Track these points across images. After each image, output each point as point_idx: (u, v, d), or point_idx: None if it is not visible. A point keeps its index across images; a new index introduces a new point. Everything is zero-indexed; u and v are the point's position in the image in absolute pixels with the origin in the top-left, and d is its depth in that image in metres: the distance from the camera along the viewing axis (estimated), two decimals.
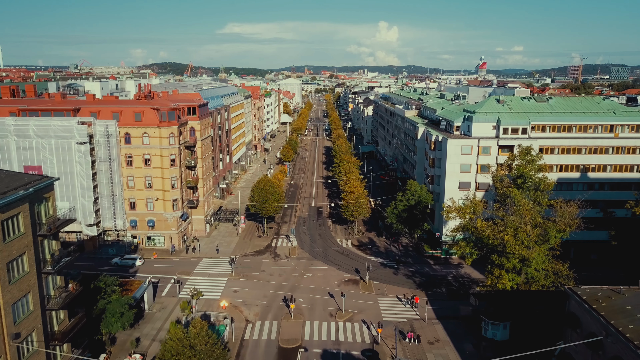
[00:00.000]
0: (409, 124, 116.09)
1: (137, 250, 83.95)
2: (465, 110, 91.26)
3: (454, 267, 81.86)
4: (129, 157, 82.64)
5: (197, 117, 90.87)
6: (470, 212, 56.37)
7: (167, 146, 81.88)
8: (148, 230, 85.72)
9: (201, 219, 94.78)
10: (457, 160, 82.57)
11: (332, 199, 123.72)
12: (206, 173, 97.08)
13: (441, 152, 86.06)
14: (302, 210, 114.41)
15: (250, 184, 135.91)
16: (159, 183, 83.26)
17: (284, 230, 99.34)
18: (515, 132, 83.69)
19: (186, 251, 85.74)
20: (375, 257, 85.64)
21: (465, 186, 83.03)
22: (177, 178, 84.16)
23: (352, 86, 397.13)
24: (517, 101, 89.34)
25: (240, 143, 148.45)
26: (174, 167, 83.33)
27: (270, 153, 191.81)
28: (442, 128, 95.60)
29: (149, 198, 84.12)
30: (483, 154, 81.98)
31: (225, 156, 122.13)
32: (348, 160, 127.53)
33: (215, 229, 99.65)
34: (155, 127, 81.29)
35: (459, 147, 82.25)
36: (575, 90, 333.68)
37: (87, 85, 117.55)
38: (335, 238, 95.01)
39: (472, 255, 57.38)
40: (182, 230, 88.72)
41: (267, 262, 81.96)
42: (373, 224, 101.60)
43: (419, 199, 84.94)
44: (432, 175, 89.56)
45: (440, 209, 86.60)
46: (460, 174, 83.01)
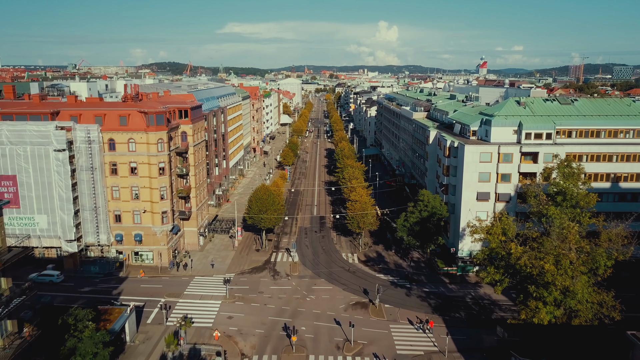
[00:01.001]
0: (418, 127, 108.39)
1: (122, 268, 76.26)
2: (482, 113, 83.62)
3: (472, 286, 74.20)
4: (113, 165, 74.94)
5: (189, 121, 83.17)
6: (501, 234, 48.58)
7: (156, 153, 74.18)
8: (135, 246, 78.01)
9: (194, 231, 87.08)
10: (475, 169, 74.91)
11: (336, 206, 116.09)
12: (200, 181, 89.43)
13: (457, 160, 78.39)
14: (304, 220, 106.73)
15: (248, 189, 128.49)
16: (146, 194, 75.57)
17: (284, 243, 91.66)
18: (538, 137, 76.05)
19: (177, 268, 78.00)
20: (384, 274, 77.99)
21: (484, 197, 75.41)
22: (167, 188, 76.46)
23: (354, 86, 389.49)
24: (539, 103, 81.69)
25: (237, 146, 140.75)
26: (163, 176, 75.63)
27: (269, 156, 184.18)
28: (455, 132, 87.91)
29: (135, 210, 76.41)
30: (504, 161, 74.29)
31: (221, 161, 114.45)
32: (352, 166, 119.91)
33: (209, 242, 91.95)
34: (142, 132, 73.60)
35: (477, 154, 74.57)
36: (580, 90, 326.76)
37: (74, 86, 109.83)
38: (340, 252, 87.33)
39: (502, 284, 49.60)
40: (173, 245, 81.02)
41: (266, 282, 74.25)
42: (380, 236, 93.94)
43: (433, 211, 77.25)
44: (446, 184, 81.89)
45: (456, 222, 79.13)
46: (479, 183, 75.34)
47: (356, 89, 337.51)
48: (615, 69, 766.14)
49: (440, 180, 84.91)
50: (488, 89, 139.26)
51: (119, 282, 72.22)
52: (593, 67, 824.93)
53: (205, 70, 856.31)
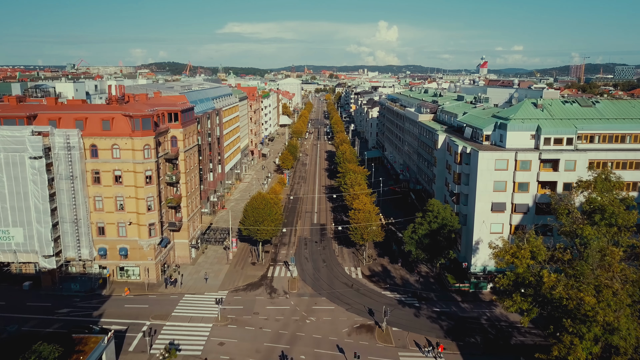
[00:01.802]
0: (425, 130, 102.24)
1: (105, 285, 70.05)
2: (496, 116, 77.51)
3: (486, 305, 68.06)
4: (96, 173, 68.80)
5: (179, 124, 77.00)
6: (529, 257, 42.32)
7: (142, 160, 68.02)
8: (120, 260, 71.88)
9: (185, 243, 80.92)
10: (490, 177, 68.78)
11: (337, 213, 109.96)
12: (191, 189, 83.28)
13: (469, 167, 72.28)
14: (303, 228, 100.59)
15: (245, 195, 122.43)
16: (132, 204, 69.42)
17: (282, 255, 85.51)
18: (558, 142, 70.01)
19: (165, 285, 71.85)
20: (390, 291, 71.86)
21: (500, 208, 69.28)
22: (155, 198, 70.29)
23: (354, 86, 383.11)
24: (558, 105, 75.56)
25: (234, 150, 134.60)
26: (151, 185, 69.47)
27: (268, 159, 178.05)
28: (466, 137, 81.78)
29: (120, 222, 70.28)
30: (521, 169, 68.15)
31: (216, 166, 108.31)
32: (354, 171, 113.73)
33: (202, 254, 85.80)
34: (127, 137, 67.46)
35: (492, 161, 68.43)
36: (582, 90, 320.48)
37: (59, 87, 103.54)
38: (343, 265, 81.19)
39: (530, 314, 43.35)
40: (162, 259, 74.88)
41: (262, 301, 68.08)
42: (385, 247, 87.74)
43: (443, 222, 71.14)
44: (457, 193, 75.80)
45: (468, 234, 73.03)
46: (493, 193, 69.20)
47: (357, 89, 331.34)
48: (617, 68, 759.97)
49: (451, 189, 78.78)
50: (496, 89, 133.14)
51: (101, 302, 66.09)
52: (593, 67, 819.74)
53: (205, 70, 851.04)
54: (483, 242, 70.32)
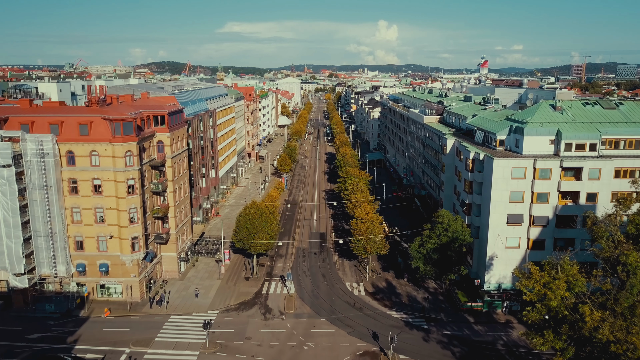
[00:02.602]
0: (431, 133, 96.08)
1: (84, 305, 63.87)
2: (510, 119, 71.34)
3: (501, 327, 61.92)
4: (73, 182, 62.67)
5: (166, 128, 70.81)
6: (564, 289, 36.08)
7: (123, 168, 61.85)
8: (100, 277, 65.75)
9: (173, 257, 74.76)
10: (506, 186, 62.62)
11: (338, 221, 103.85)
12: (180, 197, 77.14)
13: (483, 175, 66.12)
14: (302, 237, 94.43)
15: (241, 200, 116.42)
16: (113, 216, 63.27)
17: (279, 269, 79.37)
18: (580, 148, 63.92)
19: (150, 304, 65.69)
20: (396, 311, 65.72)
21: (516, 220, 63.17)
22: (138, 209, 64.11)
23: (354, 85, 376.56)
24: (578, 107, 69.37)
25: (230, 152, 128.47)
26: (133, 196, 63.30)
27: (266, 161, 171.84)
28: (477, 141, 75.63)
29: (100, 235, 64.15)
30: (541, 178, 61.97)
31: (209, 171, 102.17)
32: (356, 175, 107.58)
33: (192, 267, 79.65)
34: (106, 143, 61.31)
35: (509, 169, 62.27)
36: (585, 89, 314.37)
37: (42, 87, 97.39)
38: (344, 280, 75.04)
39: (565, 354, 37.00)
40: (147, 275, 68.74)
41: (255, 323, 61.90)
42: (390, 259, 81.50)
43: (454, 236, 64.99)
44: (469, 203, 69.64)
45: (481, 248, 66.94)
46: (510, 204, 63.07)
47: (357, 88, 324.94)
48: (619, 68, 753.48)
49: (461, 198, 72.62)
50: (504, 89, 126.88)
51: (77, 325, 59.92)
52: (594, 66, 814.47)
53: (205, 70, 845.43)
54: (498, 257, 64.26)
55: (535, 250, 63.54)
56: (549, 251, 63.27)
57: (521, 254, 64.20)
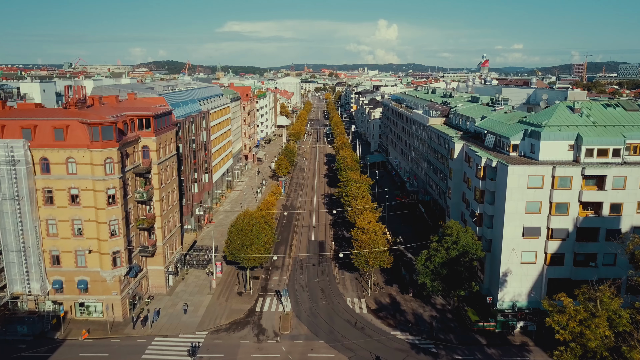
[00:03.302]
0: (437, 136, 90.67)
1: (60, 326, 58.46)
2: (524, 122, 65.95)
3: (517, 350, 56.58)
4: (48, 192, 57.31)
5: (151, 132, 65.40)
6: (606, 327, 30.65)
7: (103, 177, 56.47)
8: (79, 295, 60.39)
9: (160, 270, 69.39)
10: (522, 196, 57.24)
11: (338, 228, 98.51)
12: (168, 206, 71.76)
13: (495, 183, 60.70)
14: (300, 247, 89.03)
15: (236, 205, 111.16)
16: (92, 228, 57.91)
17: (274, 282, 74.00)
18: (603, 154, 58.54)
19: (133, 324, 60.34)
20: (401, 331, 60.37)
21: (533, 233, 57.79)
22: (120, 221, 58.72)
23: (354, 85, 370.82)
24: (598, 109, 63.94)
25: (225, 155, 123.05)
26: (114, 206, 57.93)
27: (263, 163, 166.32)
28: (488, 146, 70.25)
29: (78, 250, 58.78)
30: (560, 187, 56.61)
31: (202, 175, 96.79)
32: (357, 180, 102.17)
33: (182, 280, 74.32)
34: (84, 149, 55.94)
35: (525, 178, 56.90)
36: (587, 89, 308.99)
37: (24, 87, 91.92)
38: (344, 295, 69.67)
39: None
40: (131, 292, 63.37)
41: (247, 346, 56.51)
42: (394, 272, 76.04)
43: (464, 249, 59.65)
44: (480, 213, 64.24)
45: (493, 263, 61.58)
46: (526, 215, 57.71)
47: (357, 88, 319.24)
48: (621, 67, 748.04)
49: (471, 207, 67.19)
50: (512, 89, 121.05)
51: (52, 349, 54.60)
52: (594, 66, 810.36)
53: (204, 69, 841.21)
54: (512, 273, 58.92)
55: (554, 266, 58.27)
56: (569, 267, 58.16)
57: (538, 269, 58.89)
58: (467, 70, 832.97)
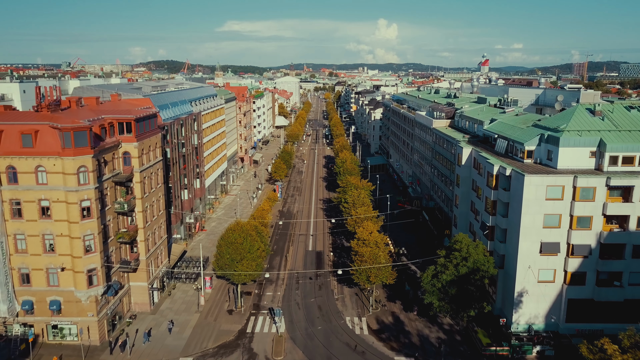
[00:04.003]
0: (442, 139, 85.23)
1: (29, 352, 53.04)
2: (539, 125, 60.54)
3: None
4: (16, 204, 51.91)
5: (133, 137, 59.93)
6: None
7: (76, 187, 51.04)
8: (51, 317, 54.97)
9: (143, 287, 63.94)
10: (539, 209, 51.85)
11: (337, 237, 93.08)
12: (153, 217, 66.31)
13: (509, 194, 55.31)
14: (296, 258, 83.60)
15: (230, 212, 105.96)
16: (65, 244, 52.51)
17: (268, 298, 68.57)
18: (628, 162, 53.20)
19: (110, 349, 54.92)
20: (405, 355, 54.98)
21: (551, 249, 52.39)
22: (96, 235, 53.29)
23: (354, 85, 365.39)
24: (621, 112, 58.50)
25: (219, 158, 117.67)
26: (89, 220, 52.50)
27: (260, 165, 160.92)
28: (499, 151, 64.83)
29: (50, 267, 53.39)
30: (582, 199, 51.19)
31: (193, 181, 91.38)
32: (357, 185, 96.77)
33: (168, 296, 68.91)
34: (55, 156, 50.53)
35: (543, 189, 51.50)
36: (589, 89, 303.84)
37: (2, 88, 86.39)
38: (343, 314, 64.22)
39: None
40: (110, 312, 57.92)
41: None
42: (397, 287, 70.48)
43: (475, 266, 54.20)
44: (491, 226, 58.83)
45: (507, 281, 56.21)
46: (543, 229, 52.32)
47: (357, 88, 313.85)
48: (622, 66, 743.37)
49: (482, 219, 61.76)
50: (520, 89, 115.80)
51: None
52: (594, 65, 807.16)
53: (204, 69, 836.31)
54: (528, 293, 53.56)
55: (574, 286, 52.91)
56: (591, 287, 52.79)
57: (556, 289, 53.53)
58: (467, 70, 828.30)
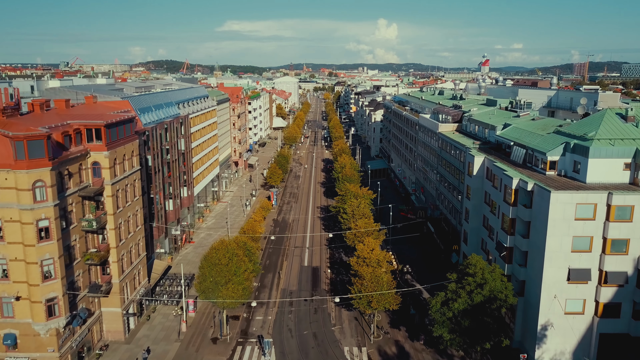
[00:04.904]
0: (449, 145, 78.30)
1: None
2: (562, 132, 53.57)
3: None
4: None
5: (103, 145, 52.93)
6: None
7: (31, 205, 44.07)
8: (6, 352, 47.97)
9: (117, 313, 56.94)
10: (567, 230, 44.96)
11: (335, 251, 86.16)
12: (128, 233, 59.29)
13: (531, 212, 48.39)
14: (290, 275, 76.61)
15: (222, 220, 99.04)
16: (20, 270, 45.57)
17: (257, 323, 61.58)
18: None
19: None
20: None
21: (581, 276, 45.50)
22: (56, 260, 46.34)
23: (354, 85, 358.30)
24: None
25: (210, 163, 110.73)
26: (48, 242, 45.54)
27: (256, 169, 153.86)
28: (515, 160, 57.93)
29: (4, 297, 46.41)
30: (617, 219, 44.28)
31: (179, 189, 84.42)
32: (356, 194, 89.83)
33: (146, 321, 61.91)
34: (6, 169, 43.57)
35: (572, 207, 44.61)
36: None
37: None
38: (341, 343, 57.21)
39: None
40: (75, 345, 50.92)
41: None
42: (401, 310, 63.28)
43: (491, 294, 47.28)
44: (509, 247, 51.89)
45: (529, 311, 49.29)
46: (572, 254, 45.45)
47: (357, 88, 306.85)
48: (624, 66, 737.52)
49: (498, 238, 54.79)
50: (530, 90, 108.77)
51: None
52: (595, 65, 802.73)
53: (203, 69, 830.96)
54: (554, 326, 46.75)
55: (607, 319, 46.13)
56: (627, 320, 45.88)
57: (586, 322, 46.71)
58: (468, 70, 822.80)
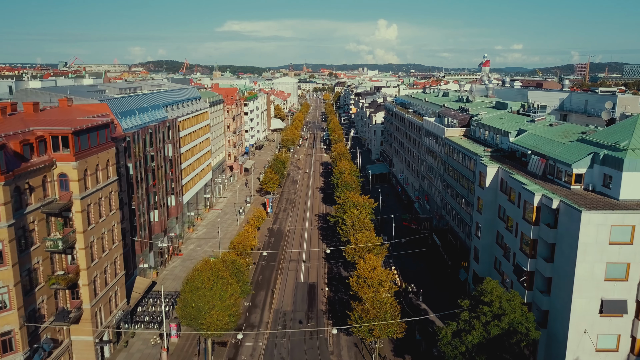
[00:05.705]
0: (457, 152, 72.31)
1: None
2: (587, 141, 47.54)
3: None
4: None
5: (70, 155, 46.93)
6: None
7: None
8: None
9: (88, 342, 50.93)
10: (601, 256, 38.95)
11: (334, 265, 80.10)
12: (102, 252, 53.25)
13: (557, 232, 42.36)
14: (284, 293, 70.60)
15: (213, 230, 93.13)
16: None
17: (246, 350, 55.59)
18: None
19: None
20: None
21: (615, 309, 39.49)
22: (11, 288, 40.36)
23: (354, 86, 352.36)
24: None
25: (201, 169, 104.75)
26: (1, 268, 39.55)
27: (252, 173, 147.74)
28: (533, 171, 51.95)
29: None
30: None
31: (166, 198, 78.45)
32: (356, 203, 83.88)
33: (124, 348, 55.88)
34: None
35: (606, 228, 38.59)
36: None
37: None
38: None
39: None
40: None
41: None
42: (405, 337, 57.19)
43: (510, 327, 41.28)
44: (530, 271, 45.87)
45: (553, 345, 43.20)
46: (605, 283, 39.43)
47: (357, 89, 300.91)
48: (626, 67, 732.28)
49: (516, 261, 48.74)
50: (540, 92, 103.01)
51: None
52: (595, 66, 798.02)
53: (202, 69, 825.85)
54: None
55: None
56: None
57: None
58: (468, 71, 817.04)
